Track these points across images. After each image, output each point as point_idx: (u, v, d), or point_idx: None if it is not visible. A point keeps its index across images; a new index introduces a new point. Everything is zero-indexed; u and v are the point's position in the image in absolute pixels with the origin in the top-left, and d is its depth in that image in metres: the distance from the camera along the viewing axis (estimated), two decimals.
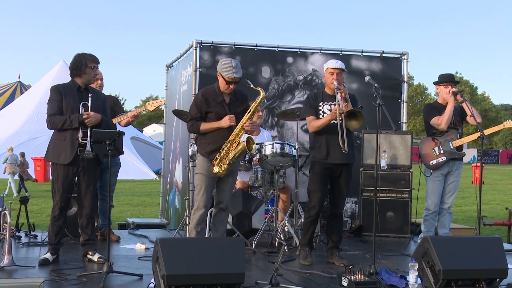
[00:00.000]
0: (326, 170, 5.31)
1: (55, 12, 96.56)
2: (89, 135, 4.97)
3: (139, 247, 6.02)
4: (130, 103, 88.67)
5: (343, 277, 4.46)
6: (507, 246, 6.30)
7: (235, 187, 6.07)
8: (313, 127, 5.32)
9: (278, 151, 5.91)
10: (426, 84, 56.69)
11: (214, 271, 3.88)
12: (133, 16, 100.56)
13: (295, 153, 6.04)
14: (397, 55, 8.00)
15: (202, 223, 5.13)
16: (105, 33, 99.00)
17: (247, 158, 6.23)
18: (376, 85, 4.87)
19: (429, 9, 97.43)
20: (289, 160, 6.00)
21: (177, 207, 8.11)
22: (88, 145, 4.96)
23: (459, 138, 6.09)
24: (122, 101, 58.79)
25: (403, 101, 7.97)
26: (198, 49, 7.33)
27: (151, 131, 39.99)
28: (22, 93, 30.04)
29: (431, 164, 6.09)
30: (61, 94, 5.10)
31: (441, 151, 6.07)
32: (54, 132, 5.15)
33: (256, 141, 6.03)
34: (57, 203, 5.10)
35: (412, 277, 4.26)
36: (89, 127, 4.99)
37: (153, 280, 4.15)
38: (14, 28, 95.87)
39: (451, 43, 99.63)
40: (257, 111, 6.44)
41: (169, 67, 9.21)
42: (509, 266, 4.43)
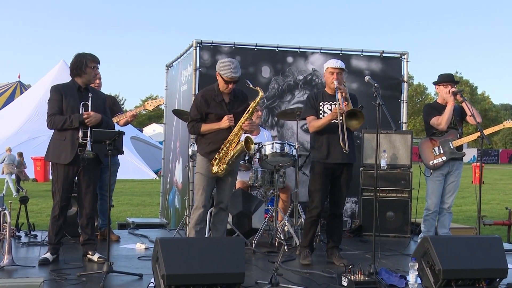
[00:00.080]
0: (326, 170, 5.30)
1: (55, 12, 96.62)
2: (89, 135, 4.97)
3: (139, 247, 6.02)
4: (130, 103, 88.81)
5: (343, 277, 4.46)
6: (507, 246, 6.30)
7: (235, 186, 6.08)
8: (313, 127, 5.31)
9: (278, 151, 5.91)
10: (426, 84, 56.80)
11: (214, 271, 3.88)
12: (133, 16, 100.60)
13: (295, 153, 6.04)
14: (397, 55, 8.00)
15: (201, 222, 5.13)
16: (105, 33, 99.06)
17: (247, 158, 6.24)
18: (376, 85, 4.87)
19: (429, 9, 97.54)
20: (289, 160, 6.00)
21: (177, 207, 8.11)
22: (88, 145, 4.96)
23: (459, 138, 6.08)
24: (122, 101, 58.84)
25: (403, 101, 7.97)
26: (198, 49, 7.32)
27: (151, 131, 40.00)
28: (22, 93, 30.02)
29: (431, 164, 6.09)
30: (61, 94, 5.10)
31: (441, 151, 6.07)
32: (54, 132, 5.15)
33: (256, 141, 6.04)
34: (57, 203, 5.10)
35: (412, 277, 4.27)
36: (89, 127, 5.00)
37: (153, 280, 4.15)
38: (14, 28, 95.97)
39: (451, 43, 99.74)
40: (256, 111, 6.44)
41: (169, 67, 9.21)
42: (509, 266, 4.43)
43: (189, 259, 3.85)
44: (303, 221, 6.12)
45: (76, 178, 5.19)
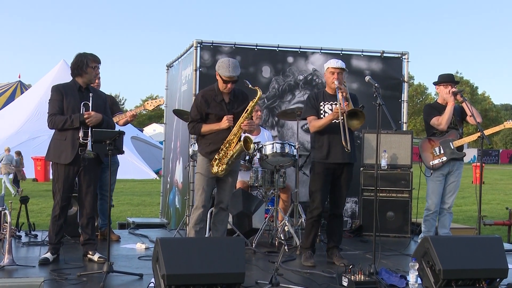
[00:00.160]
0: (327, 170, 5.30)
1: (55, 12, 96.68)
2: (90, 135, 4.97)
3: (139, 246, 6.02)
4: (130, 103, 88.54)
5: (343, 277, 4.46)
6: (507, 246, 6.29)
7: (235, 186, 6.08)
8: (314, 127, 5.31)
9: (278, 151, 5.91)
10: (426, 84, 56.76)
11: (214, 271, 3.88)
12: (133, 16, 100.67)
13: (295, 153, 6.04)
14: (397, 55, 8.00)
15: (201, 222, 5.13)
16: (105, 33, 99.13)
17: (247, 158, 6.24)
18: (376, 85, 4.87)
19: (429, 9, 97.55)
20: (290, 159, 6.01)
21: (177, 206, 8.11)
22: (89, 145, 4.96)
23: (460, 138, 6.08)
24: (122, 101, 58.88)
25: (404, 100, 7.97)
26: (198, 48, 7.33)
27: (151, 130, 40.05)
28: (22, 92, 30.06)
29: (432, 164, 6.09)
30: (62, 93, 5.10)
31: (442, 151, 6.07)
32: (55, 132, 5.15)
33: (256, 141, 6.04)
34: (57, 203, 5.10)
35: (412, 277, 4.27)
36: (90, 127, 5.00)
37: (153, 279, 4.15)
38: (14, 28, 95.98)
39: (451, 43, 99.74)
40: (256, 111, 6.45)
41: (169, 66, 9.21)
42: (509, 266, 4.43)
43: (190, 259, 3.85)
44: (303, 221, 6.12)
45: (76, 178, 5.19)
